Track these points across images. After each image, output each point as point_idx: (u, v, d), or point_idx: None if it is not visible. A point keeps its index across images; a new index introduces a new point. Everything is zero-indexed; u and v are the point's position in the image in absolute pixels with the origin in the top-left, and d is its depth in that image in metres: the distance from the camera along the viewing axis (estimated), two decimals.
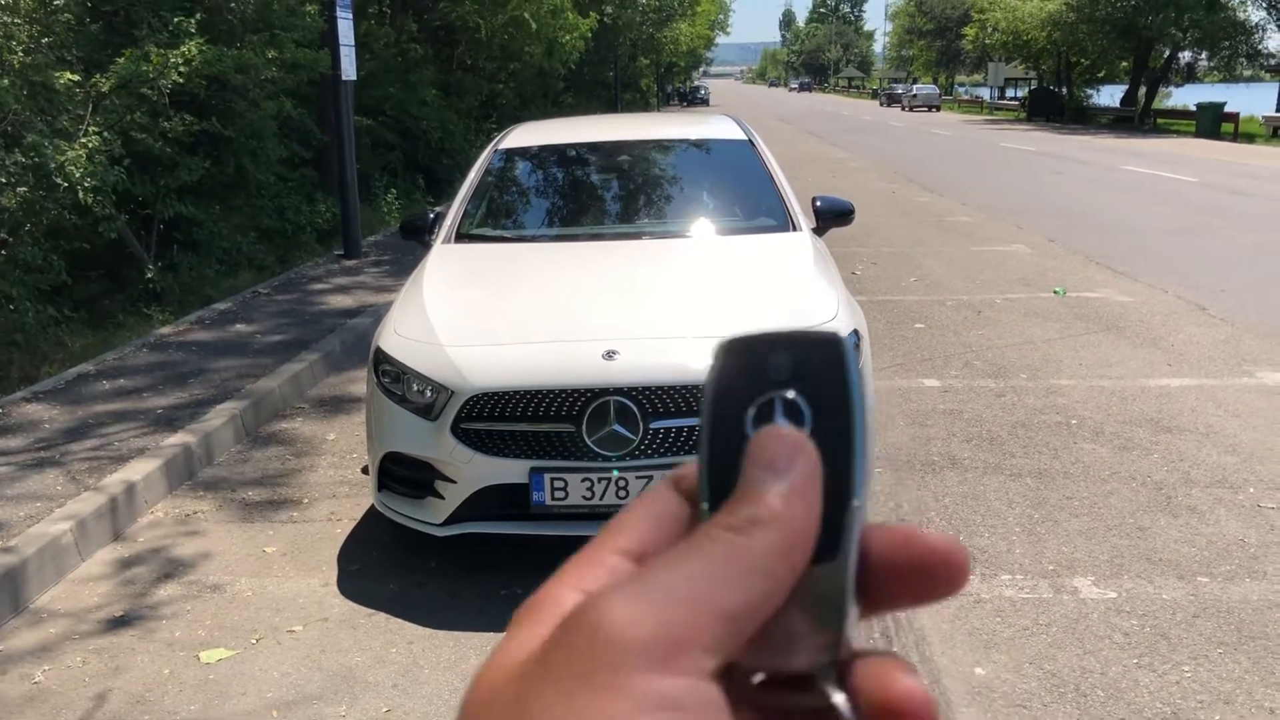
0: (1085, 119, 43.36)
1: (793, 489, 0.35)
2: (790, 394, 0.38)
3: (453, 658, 3.67)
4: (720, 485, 0.37)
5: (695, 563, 0.33)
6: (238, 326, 7.97)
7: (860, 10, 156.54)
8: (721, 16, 75.62)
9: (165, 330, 7.85)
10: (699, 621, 0.32)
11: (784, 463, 0.36)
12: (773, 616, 0.35)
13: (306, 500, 5.07)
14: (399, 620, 3.94)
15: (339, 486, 5.22)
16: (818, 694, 0.37)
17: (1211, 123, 32.57)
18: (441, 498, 4.07)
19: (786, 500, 0.35)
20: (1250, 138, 31.23)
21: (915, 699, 0.36)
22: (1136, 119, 39.49)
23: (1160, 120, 38.67)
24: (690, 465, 0.39)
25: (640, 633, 0.31)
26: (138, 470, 5.00)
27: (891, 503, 4.82)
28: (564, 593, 0.35)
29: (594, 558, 0.36)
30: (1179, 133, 34.64)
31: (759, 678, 0.36)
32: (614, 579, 0.35)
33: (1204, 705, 3.27)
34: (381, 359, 4.28)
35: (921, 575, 0.38)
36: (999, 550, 4.34)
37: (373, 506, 4.48)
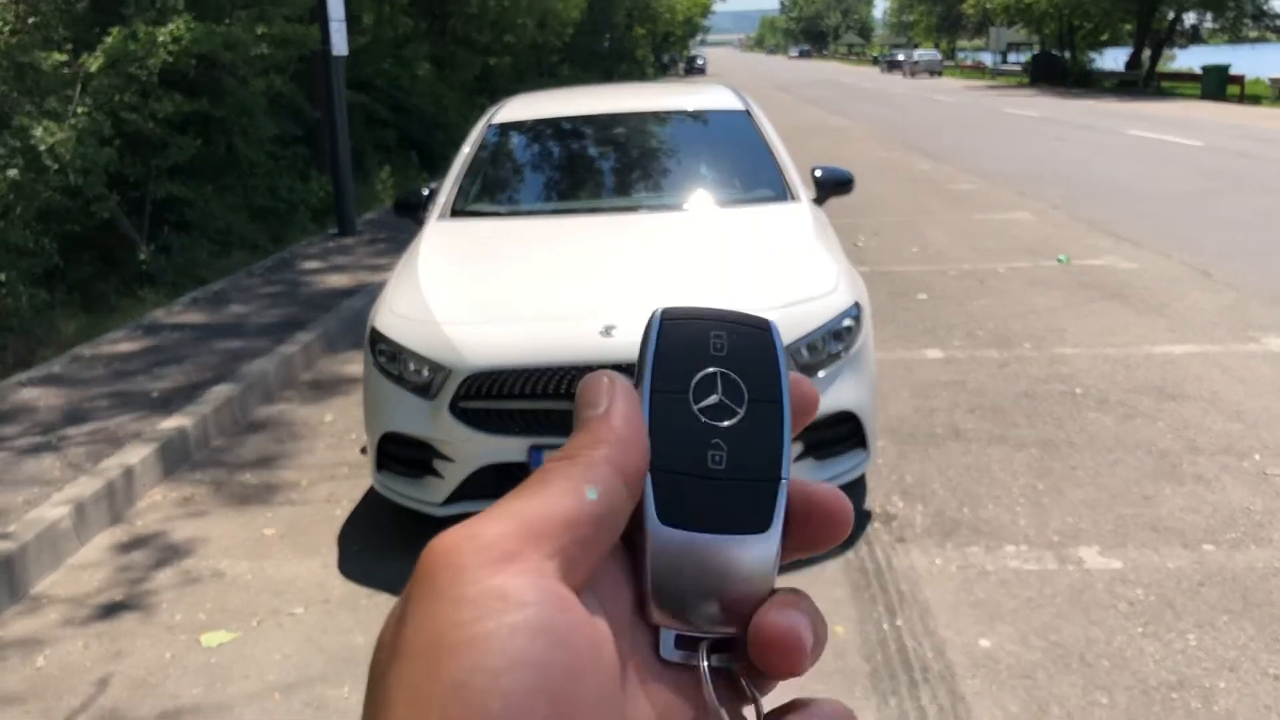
0: (1089, 83, 43.10)
1: (611, 412, 0.38)
2: (728, 370, 0.40)
3: None
4: (662, 450, 0.39)
5: (531, 488, 0.36)
6: (232, 307, 7.92)
7: None
8: None
9: (159, 312, 7.81)
10: (533, 530, 0.33)
11: (604, 398, 0.38)
12: (704, 586, 0.38)
13: (305, 482, 5.04)
14: None
15: (337, 467, 5.19)
16: (735, 659, 0.39)
17: (1217, 85, 32.37)
18: (441, 477, 4.04)
19: (606, 421, 0.37)
20: (1256, 99, 31.02)
21: (780, 632, 0.37)
22: (1141, 82, 39.25)
23: (1165, 83, 38.44)
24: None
25: (475, 545, 0.33)
26: (135, 454, 4.97)
27: (895, 475, 4.79)
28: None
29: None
30: (1184, 96, 34.44)
31: (672, 635, 0.38)
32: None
33: (1209, 673, 3.25)
34: (377, 338, 4.24)
35: (813, 527, 0.40)
36: (1003, 521, 4.31)
37: (372, 487, 4.45)
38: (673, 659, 0.38)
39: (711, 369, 0.40)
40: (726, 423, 0.39)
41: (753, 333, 0.41)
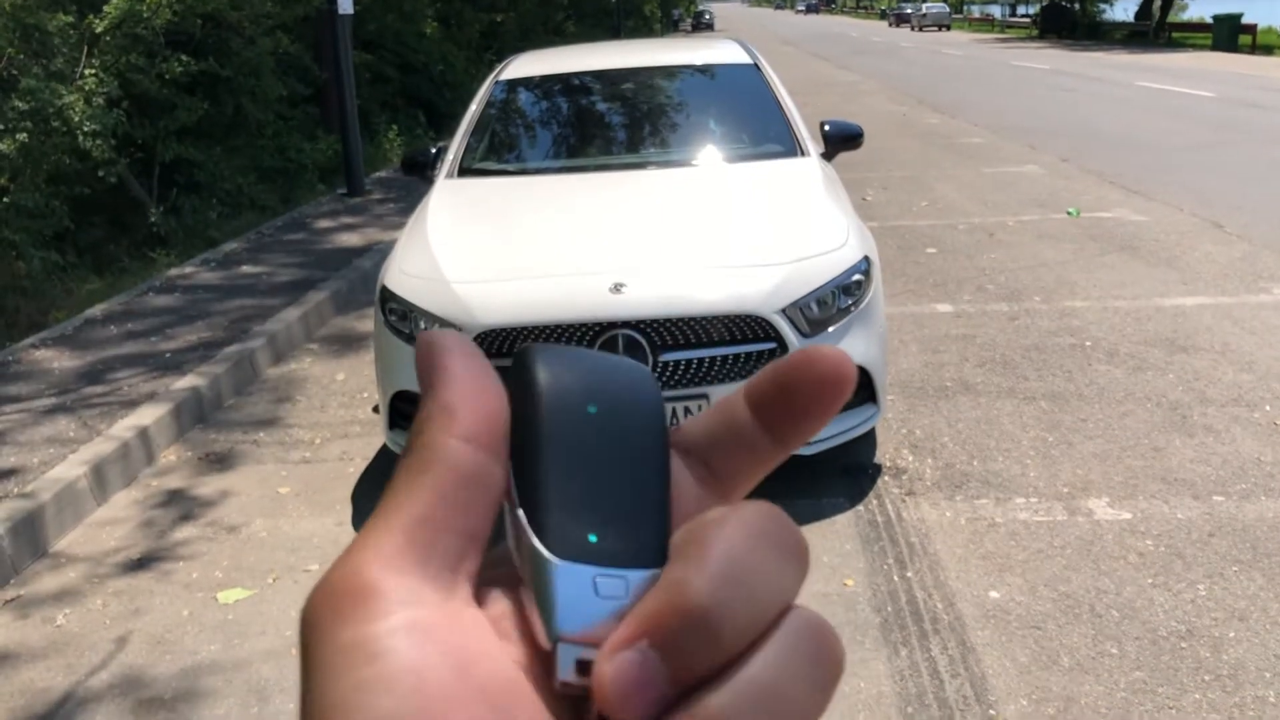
0: (1098, 35, 42.62)
1: (430, 382, 0.33)
2: None
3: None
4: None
5: (384, 497, 0.33)
6: (243, 268, 7.94)
7: None
8: None
9: (172, 273, 7.82)
10: (389, 549, 0.31)
11: (424, 365, 0.34)
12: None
13: (318, 440, 5.08)
14: None
15: (350, 426, 5.22)
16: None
17: (1229, 35, 31.96)
18: None
19: (430, 395, 0.33)
20: (1269, 49, 30.65)
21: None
22: (1151, 33, 38.79)
23: (1175, 34, 37.99)
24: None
25: (326, 595, 0.31)
26: (150, 414, 5.01)
27: (905, 429, 4.80)
28: None
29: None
30: (1195, 46, 34.05)
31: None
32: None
33: (1218, 622, 3.28)
34: (388, 297, 4.25)
35: (813, 389, 0.35)
36: (1013, 474, 4.32)
37: (385, 445, 4.49)
38: (573, 681, 0.31)
39: None
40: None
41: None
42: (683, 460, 0.36)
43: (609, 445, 0.34)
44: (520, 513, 0.33)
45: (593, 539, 0.32)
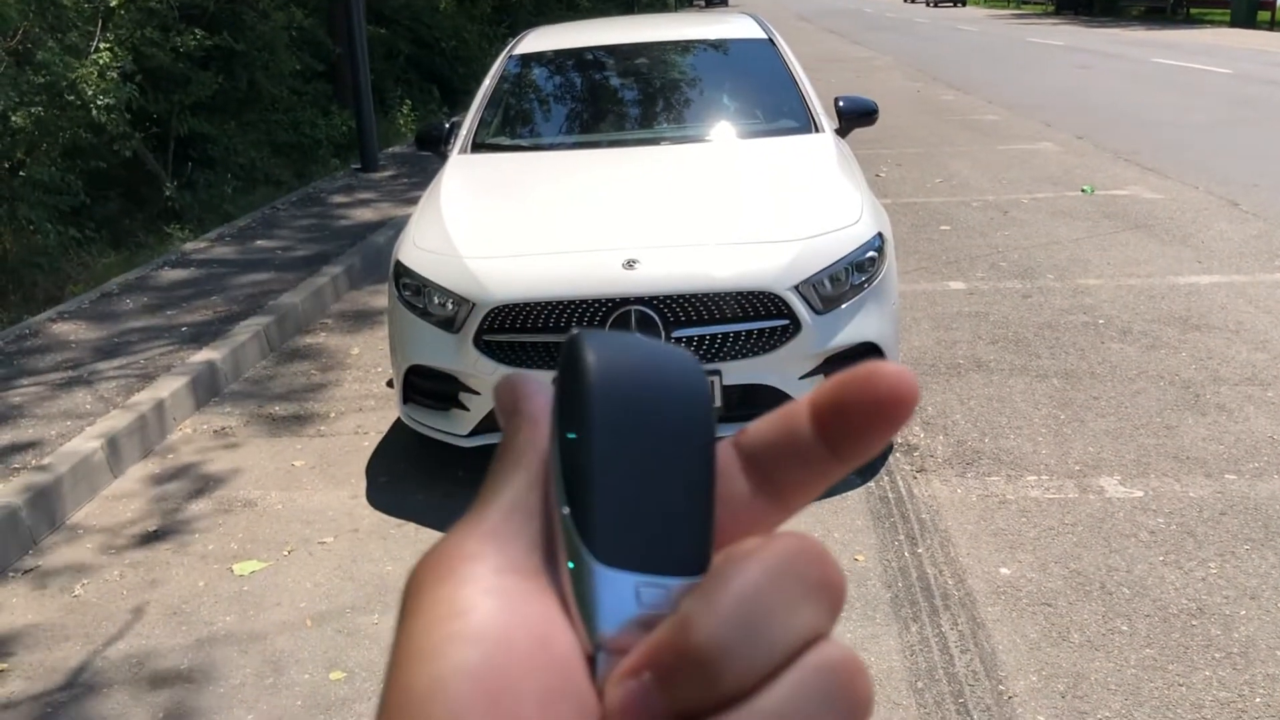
0: (1115, 11, 42.20)
1: (522, 410, 0.37)
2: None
3: None
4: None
5: (482, 490, 0.36)
6: (259, 242, 7.96)
7: None
8: None
9: (187, 248, 7.85)
10: (486, 527, 0.34)
11: (516, 398, 0.38)
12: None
13: (333, 414, 5.11)
14: (429, 530, 3.99)
15: (364, 400, 5.25)
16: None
17: (1247, 11, 31.62)
18: (466, 409, 4.09)
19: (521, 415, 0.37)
20: None
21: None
22: (1169, 9, 38.41)
23: (1193, 10, 37.61)
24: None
25: (430, 559, 0.34)
26: (166, 387, 5.04)
27: (916, 406, 4.80)
28: None
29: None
30: (1213, 23, 33.72)
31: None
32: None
33: (1229, 600, 3.28)
34: (402, 272, 4.27)
35: (870, 409, 0.34)
36: (1025, 451, 4.33)
37: (399, 419, 4.51)
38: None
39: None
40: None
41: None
42: (742, 465, 0.35)
43: (658, 445, 0.33)
44: (566, 511, 0.33)
45: (637, 545, 0.32)
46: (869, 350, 4.12)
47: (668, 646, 0.30)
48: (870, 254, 4.15)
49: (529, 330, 3.95)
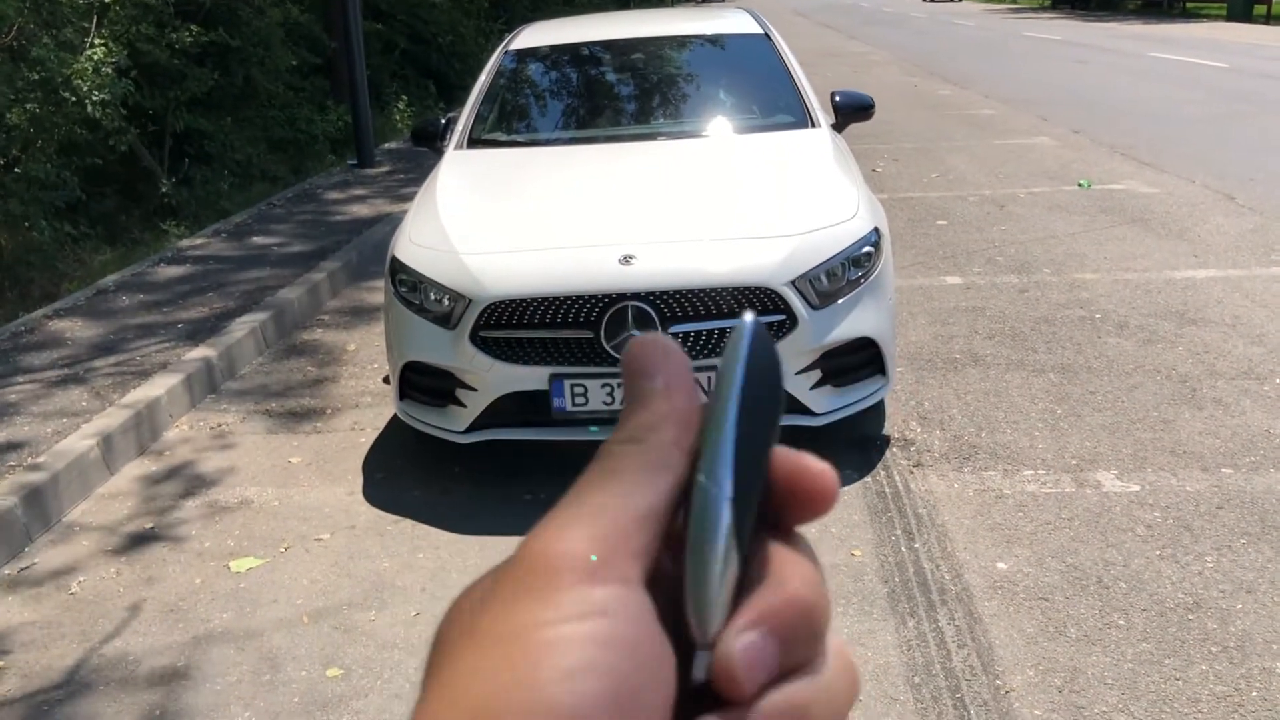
0: (1112, 5, 42.17)
1: (669, 385, 0.37)
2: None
3: (479, 562, 3.71)
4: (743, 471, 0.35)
5: (608, 478, 0.35)
6: (255, 238, 7.95)
7: None
8: None
9: (183, 244, 7.84)
10: (620, 530, 0.34)
11: (655, 365, 0.37)
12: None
13: (329, 411, 5.10)
14: (425, 526, 3.98)
15: (361, 396, 5.24)
16: (695, 680, 0.36)
17: (1244, 5, 31.58)
18: (463, 406, 4.09)
19: (668, 398, 0.36)
20: None
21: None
22: (1165, 3, 38.40)
23: (1190, 4, 37.59)
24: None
25: (568, 548, 0.33)
26: (161, 385, 5.03)
27: (913, 401, 4.81)
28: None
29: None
30: (1209, 17, 33.70)
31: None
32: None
33: (1226, 595, 3.29)
34: (398, 268, 4.26)
35: (800, 499, 0.38)
36: (1021, 446, 4.33)
37: (395, 416, 4.51)
38: (702, 679, 0.34)
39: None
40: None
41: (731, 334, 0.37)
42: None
43: (770, 435, 0.36)
44: (729, 509, 0.34)
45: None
46: (866, 345, 4.12)
47: (781, 602, 0.35)
48: (867, 249, 4.15)
49: (525, 326, 3.94)
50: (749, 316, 0.37)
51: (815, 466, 0.38)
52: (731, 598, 0.35)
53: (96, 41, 8.19)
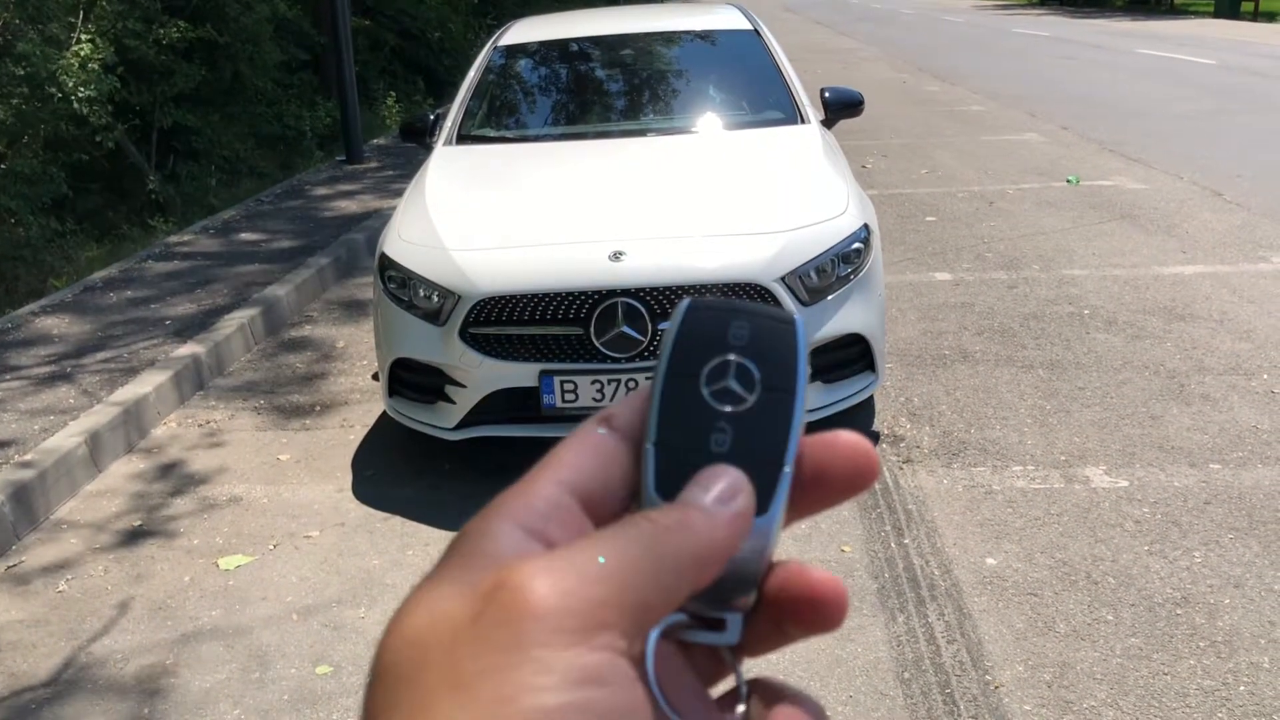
0: (1100, 2, 42.26)
1: (731, 513, 0.38)
2: (743, 359, 0.41)
3: None
4: (668, 430, 0.40)
5: (621, 545, 0.35)
6: (243, 235, 7.92)
7: None
8: None
9: (171, 240, 7.80)
10: (616, 603, 0.34)
11: (727, 494, 0.38)
12: None
13: (318, 408, 5.09)
14: (414, 523, 3.97)
15: (350, 393, 5.23)
16: (727, 639, 0.40)
17: (1231, 2, 31.70)
18: (452, 402, 4.08)
19: (722, 520, 0.37)
20: (1271, 16, 30.39)
21: (830, 586, 0.39)
22: (1153, 0, 38.50)
23: (1177, 1, 37.71)
24: (618, 405, 0.42)
25: (566, 606, 0.32)
26: (150, 382, 5.01)
27: (903, 397, 4.81)
28: (501, 526, 0.36)
29: (532, 489, 0.38)
30: (1197, 13, 33.80)
31: (676, 618, 0.38)
32: (553, 514, 0.37)
33: (1214, 589, 3.30)
34: (387, 265, 4.25)
35: (841, 479, 0.41)
36: (1010, 442, 4.34)
37: (385, 412, 4.50)
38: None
39: (728, 356, 0.41)
40: (733, 408, 0.40)
41: (776, 325, 0.42)
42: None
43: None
44: (653, 452, 0.40)
45: None
46: (855, 341, 4.13)
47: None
48: (856, 245, 4.15)
49: (515, 323, 3.93)
50: (685, 301, 0.42)
51: (845, 441, 0.41)
52: None
53: (83, 37, 8.15)
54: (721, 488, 0.38)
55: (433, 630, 0.34)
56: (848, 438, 0.41)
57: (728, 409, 0.40)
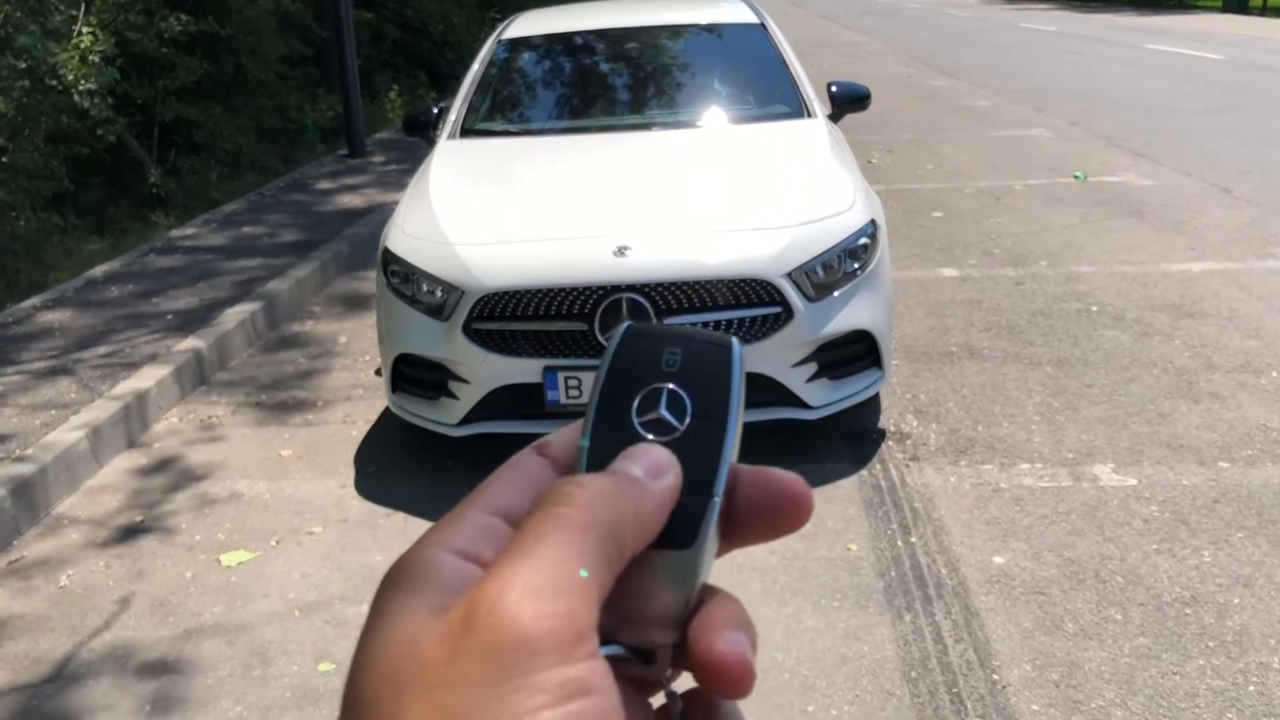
0: None
1: (662, 487, 0.38)
2: (676, 387, 0.41)
3: None
4: (598, 462, 0.40)
5: (568, 535, 0.35)
6: (245, 229, 7.89)
7: None
8: None
9: (172, 234, 7.78)
10: (586, 606, 0.34)
11: (656, 469, 0.39)
12: (628, 597, 0.38)
13: (321, 403, 5.06)
14: (418, 520, 3.95)
15: (353, 389, 5.20)
16: (657, 672, 0.40)
17: None
18: (456, 398, 4.05)
19: (655, 490, 0.38)
20: (1279, 12, 30.33)
21: (733, 662, 0.38)
22: None
23: None
24: (553, 435, 0.43)
25: (545, 627, 0.32)
26: (151, 376, 4.99)
27: (909, 394, 4.78)
28: (437, 554, 0.37)
29: (464, 517, 0.39)
30: (1205, 8, 33.69)
31: (610, 650, 0.38)
32: (485, 538, 0.38)
33: (1223, 589, 3.27)
34: (390, 259, 4.22)
35: (774, 513, 0.41)
36: (1018, 439, 4.31)
37: (387, 408, 4.47)
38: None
39: (659, 384, 0.41)
40: (663, 438, 0.40)
41: (711, 351, 0.42)
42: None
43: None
44: (584, 460, 0.41)
45: None
46: (861, 338, 4.09)
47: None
48: (863, 241, 4.12)
49: (519, 318, 3.90)
50: (622, 326, 0.43)
51: (779, 478, 0.41)
52: None
53: (84, 30, 8.12)
54: (648, 462, 0.39)
55: (408, 663, 0.33)
56: (783, 474, 0.42)
57: (656, 438, 0.40)
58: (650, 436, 0.40)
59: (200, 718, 2.99)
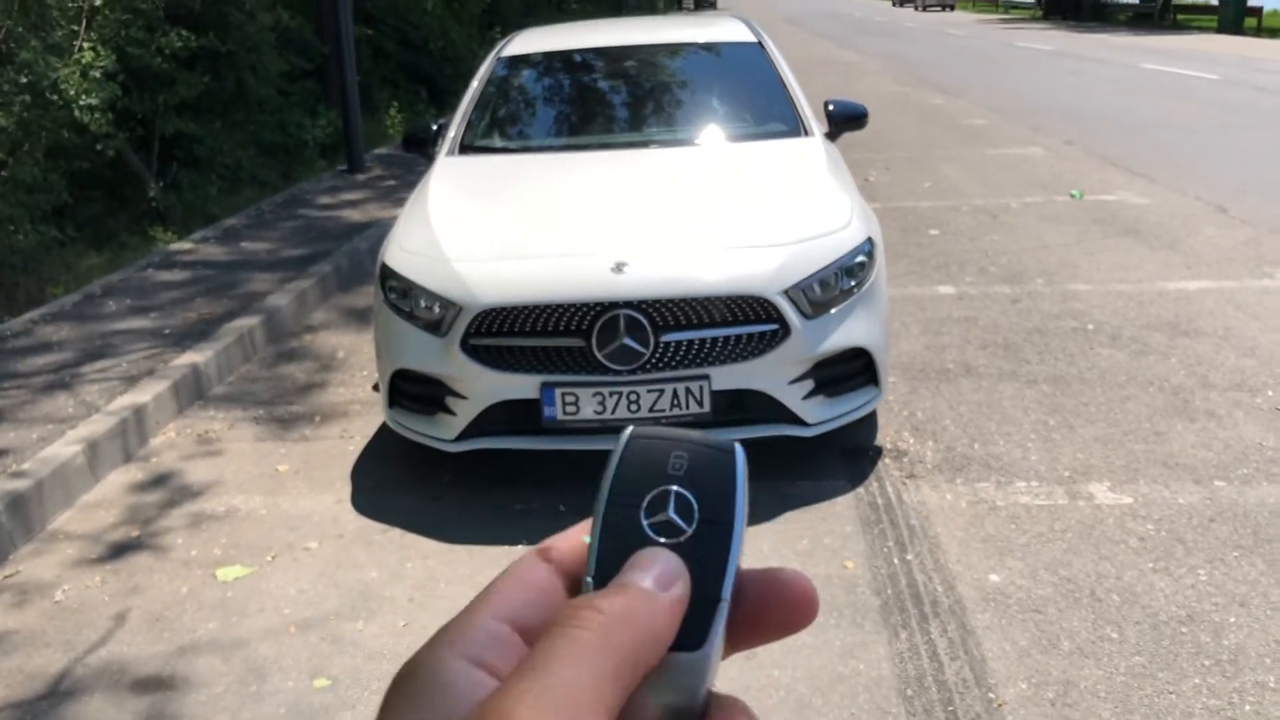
0: (1103, 16, 42.37)
1: (672, 598, 0.39)
2: (683, 490, 0.42)
3: (468, 571, 3.68)
4: (606, 563, 0.40)
5: (584, 657, 0.35)
6: (244, 244, 7.91)
7: None
8: None
9: (171, 249, 7.79)
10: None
11: (666, 580, 0.39)
12: (638, 700, 0.37)
13: (318, 418, 5.06)
14: (414, 535, 3.95)
15: (350, 404, 5.21)
16: None
17: (1234, 17, 31.78)
18: (453, 414, 4.05)
19: (663, 605, 0.38)
20: (1274, 32, 30.48)
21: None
22: (1156, 15, 38.59)
23: (1180, 16, 37.79)
24: (557, 538, 0.43)
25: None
26: (148, 391, 4.99)
27: (906, 411, 4.79)
28: (448, 659, 0.38)
29: (470, 622, 0.39)
30: (1200, 28, 33.88)
31: None
32: (494, 645, 0.39)
33: (1219, 608, 3.27)
34: (388, 275, 4.23)
35: (780, 613, 0.42)
36: (1014, 457, 4.31)
37: (384, 423, 4.47)
38: None
39: (666, 487, 0.42)
40: (672, 540, 0.41)
41: (715, 455, 0.43)
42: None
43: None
44: (590, 586, 0.40)
45: None
46: (858, 355, 4.10)
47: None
48: (860, 258, 4.13)
49: (516, 334, 3.91)
50: (628, 430, 0.44)
51: (787, 577, 0.42)
52: None
53: (85, 45, 8.14)
54: (658, 572, 0.39)
55: None
56: (791, 575, 0.42)
57: (665, 541, 0.41)
58: (659, 539, 0.41)
59: None
